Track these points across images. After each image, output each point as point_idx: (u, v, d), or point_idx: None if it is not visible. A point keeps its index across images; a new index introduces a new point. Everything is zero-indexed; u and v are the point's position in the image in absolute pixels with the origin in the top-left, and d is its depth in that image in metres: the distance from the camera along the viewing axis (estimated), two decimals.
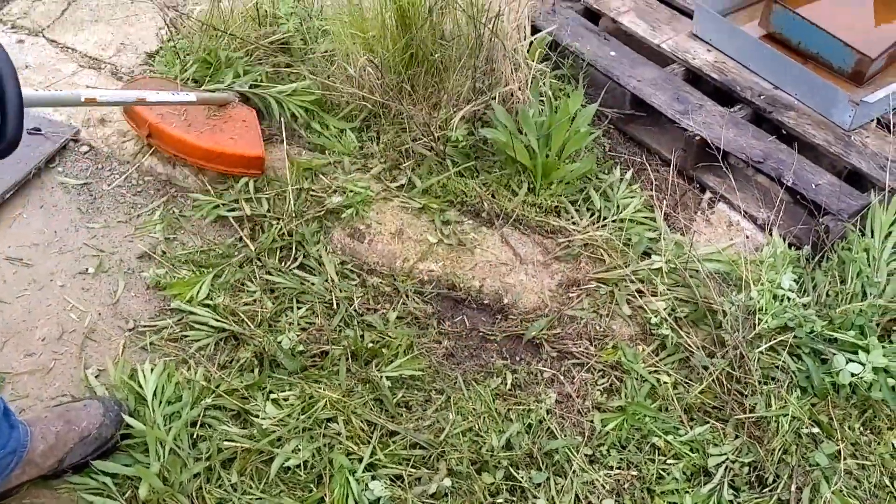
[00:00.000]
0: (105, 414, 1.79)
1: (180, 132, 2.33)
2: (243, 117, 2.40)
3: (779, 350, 1.94)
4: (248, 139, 2.33)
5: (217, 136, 2.32)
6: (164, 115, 2.36)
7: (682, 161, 2.45)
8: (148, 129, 2.39)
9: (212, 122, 2.38)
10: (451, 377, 1.96)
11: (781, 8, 2.54)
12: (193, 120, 2.37)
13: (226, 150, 2.30)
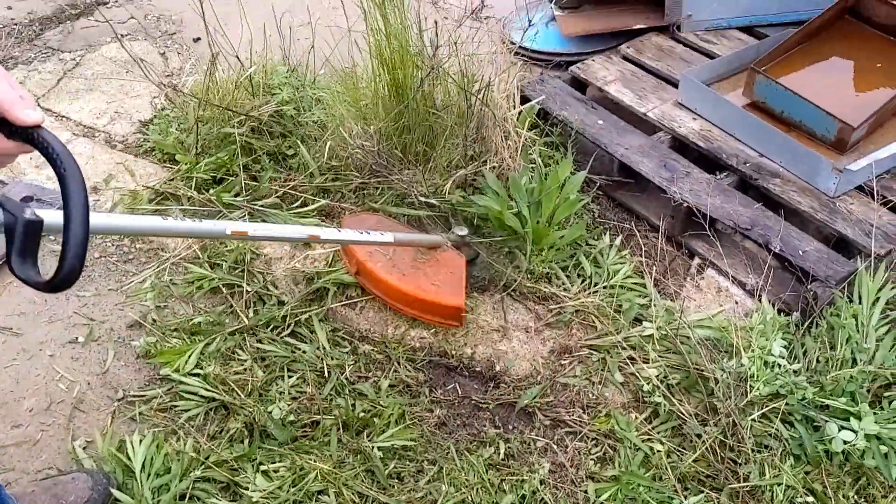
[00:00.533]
0: (93, 488, 1.78)
1: (383, 272, 2.20)
2: (451, 264, 2.24)
3: (771, 417, 1.93)
4: (451, 287, 2.17)
5: (420, 280, 2.19)
6: (373, 252, 2.24)
7: (670, 227, 2.47)
8: (356, 267, 2.28)
9: (417, 264, 2.24)
10: (444, 447, 1.94)
11: (764, 78, 2.60)
12: (398, 261, 2.23)
13: (426, 298, 2.16)
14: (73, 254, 1.01)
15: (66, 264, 1.01)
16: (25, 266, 1.04)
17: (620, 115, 2.77)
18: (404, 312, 2.22)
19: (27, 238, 1.03)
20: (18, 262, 1.04)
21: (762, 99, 2.65)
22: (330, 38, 2.77)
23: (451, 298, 2.15)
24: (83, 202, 1.03)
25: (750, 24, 3.11)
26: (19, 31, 3.46)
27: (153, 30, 3.53)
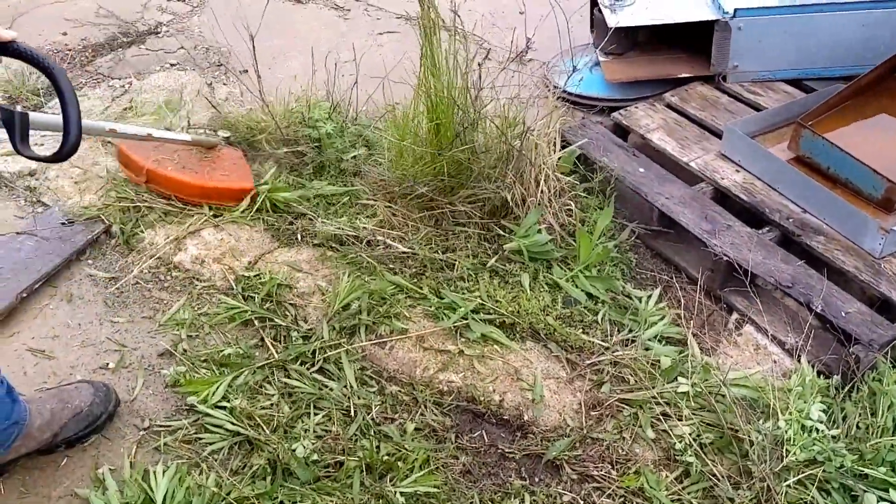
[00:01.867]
0: (95, 394, 2.00)
1: (177, 173, 2.57)
2: (232, 157, 2.70)
3: (807, 484, 1.87)
4: (239, 175, 2.61)
5: (211, 174, 2.59)
6: (160, 160, 2.60)
7: (709, 281, 2.43)
8: (146, 175, 2.60)
9: (204, 163, 2.64)
10: (468, 496, 1.91)
11: (810, 133, 2.56)
12: (186, 162, 2.62)
13: (220, 186, 2.57)
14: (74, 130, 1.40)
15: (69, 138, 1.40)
16: (26, 147, 1.45)
17: (662, 164, 2.75)
18: (202, 202, 2.59)
19: (24, 126, 1.45)
20: (21, 145, 1.45)
21: (807, 154, 2.61)
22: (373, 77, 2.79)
23: (242, 183, 2.60)
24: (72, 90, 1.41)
25: (797, 78, 3.07)
26: (73, 56, 3.54)
27: (202, 60, 3.59)
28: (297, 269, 2.44)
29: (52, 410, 1.92)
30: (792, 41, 2.98)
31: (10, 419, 1.78)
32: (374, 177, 2.72)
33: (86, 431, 1.97)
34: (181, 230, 2.53)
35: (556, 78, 3.38)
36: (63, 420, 1.93)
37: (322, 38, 3.70)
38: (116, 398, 2.06)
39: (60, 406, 1.94)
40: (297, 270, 2.43)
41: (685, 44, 3.23)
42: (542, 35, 3.60)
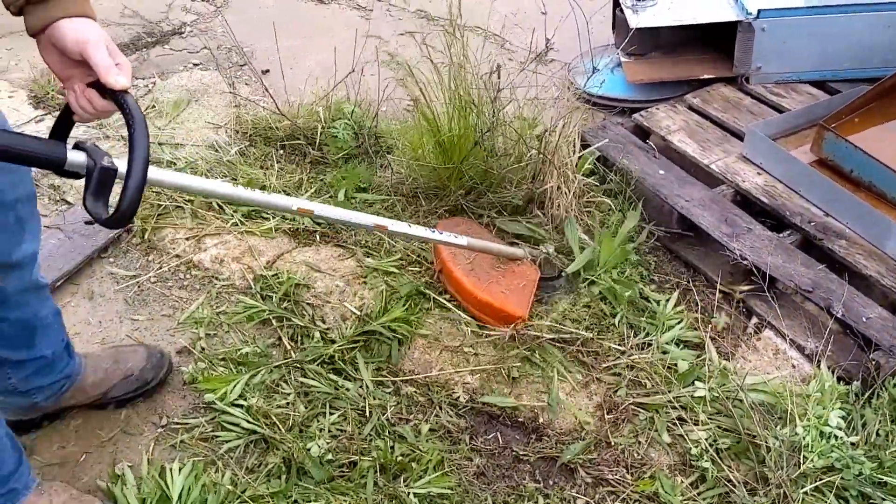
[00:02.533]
0: (148, 359, 2.08)
1: (460, 274, 2.33)
2: (523, 276, 2.35)
3: (825, 491, 1.85)
4: (518, 298, 2.29)
5: (491, 286, 2.30)
6: (456, 255, 2.37)
7: (728, 284, 2.41)
8: (440, 266, 2.41)
9: (494, 272, 2.36)
10: (482, 498, 1.90)
11: (833, 136, 2.53)
12: (478, 266, 2.37)
13: (492, 303, 2.27)
14: (129, 198, 1.24)
15: (122, 206, 1.24)
16: (97, 204, 1.28)
17: (683, 166, 2.73)
18: (472, 313, 2.34)
19: (102, 181, 1.28)
20: (91, 200, 1.28)
21: (831, 157, 2.58)
22: (394, 77, 2.80)
23: (515, 307, 2.26)
24: (144, 154, 1.25)
25: (821, 79, 3.04)
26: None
27: (224, 60, 3.62)
28: (316, 269, 2.45)
29: (106, 370, 2.02)
30: (816, 42, 2.94)
31: (64, 373, 1.90)
32: (392, 180, 2.73)
33: (135, 393, 2.07)
34: (201, 230, 2.55)
35: (578, 79, 3.37)
36: (114, 380, 2.03)
37: (344, 37, 3.70)
38: (170, 365, 2.15)
39: (114, 367, 2.04)
40: (315, 270, 2.44)
41: (707, 45, 3.21)
42: (564, 36, 3.60)
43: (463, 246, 2.17)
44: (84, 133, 3.00)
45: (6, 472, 1.63)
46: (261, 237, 2.56)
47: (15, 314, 1.69)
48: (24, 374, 1.81)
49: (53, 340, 1.84)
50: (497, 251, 2.34)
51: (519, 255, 2.37)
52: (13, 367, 1.79)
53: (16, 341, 1.75)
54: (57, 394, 1.93)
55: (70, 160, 1.28)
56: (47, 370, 1.86)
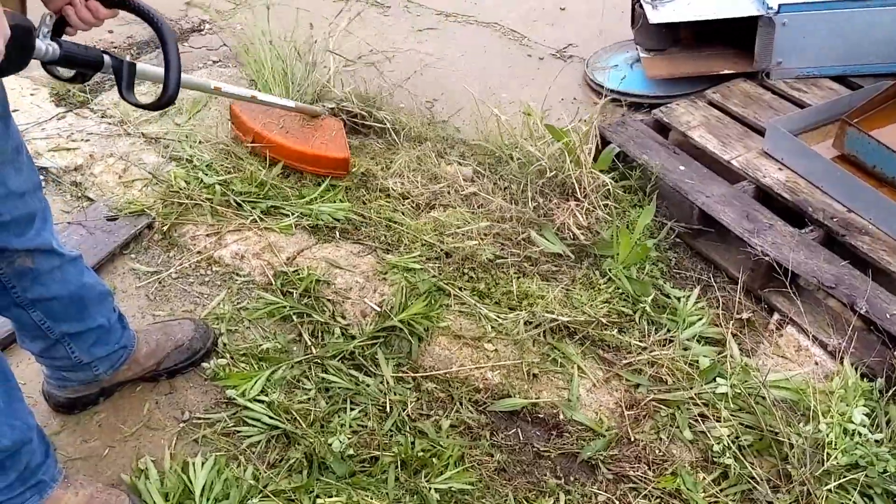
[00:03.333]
0: (196, 330, 2.17)
1: (279, 138, 2.74)
2: (332, 127, 2.82)
3: (849, 489, 1.83)
4: (337, 145, 2.72)
5: (310, 141, 2.73)
6: (266, 123, 2.78)
7: (750, 281, 2.39)
8: (252, 136, 2.78)
9: (305, 129, 2.79)
10: (502, 493, 1.90)
11: (856, 131, 2.51)
12: (290, 128, 2.78)
13: (317, 153, 2.69)
14: (173, 81, 1.57)
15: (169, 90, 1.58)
16: (130, 94, 1.63)
17: (703, 162, 2.71)
18: (301, 168, 2.75)
19: (130, 76, 1.62)
20: (126, 92, 1.63)
21: (853, 152, 2.56)
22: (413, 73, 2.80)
23: (338, 152, 2.72)
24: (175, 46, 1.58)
25: (843, 74, 3.01)
26: (118, 53, 3.59)
27: (244, 57, 3.62)
28: (336, 265, 2.46)
29: (157, 341, 2.10)
30: (837, 37, 2.92)
31: (120, 343, 1.98)
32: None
33: (185, 363, 2.15)
34: (221, 226, 2.57)
35: (597, 75, 3.36)
36: (166, 350, 2.11)
37: (362, 34, 3.71)
38: (214, 336, 2.22)
39: (165, 338, 2.12)
40: (335, 267, 2.45)
41: (728, 40, 3.19)
42: (583, 31, 3.59)
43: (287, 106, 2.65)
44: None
45: (35, 464, 1.65)
46: (280, 233, 2.57)
47: (60, 290, 1.75)
48: (85, 346, 1.88)
49: (106, 309, 1.91)
50: (302, 109, 2.79)
51: (320, 112, 2.86)
52: (74, 340, 1.85)
53: (69, 315, 1.81)
54: (116, 364, 2.00)
55: (105, 62, 1.58)
56: (106, 339, 1.93)
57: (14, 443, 1.57)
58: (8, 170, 1.51)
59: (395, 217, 2.61)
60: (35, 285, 1.69)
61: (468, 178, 2.80)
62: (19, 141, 1.55)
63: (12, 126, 1.51)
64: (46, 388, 2.03)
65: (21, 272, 1.65)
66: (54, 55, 1.46)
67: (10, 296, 1.68)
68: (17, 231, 1.59)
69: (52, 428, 2.03)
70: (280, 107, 2.67)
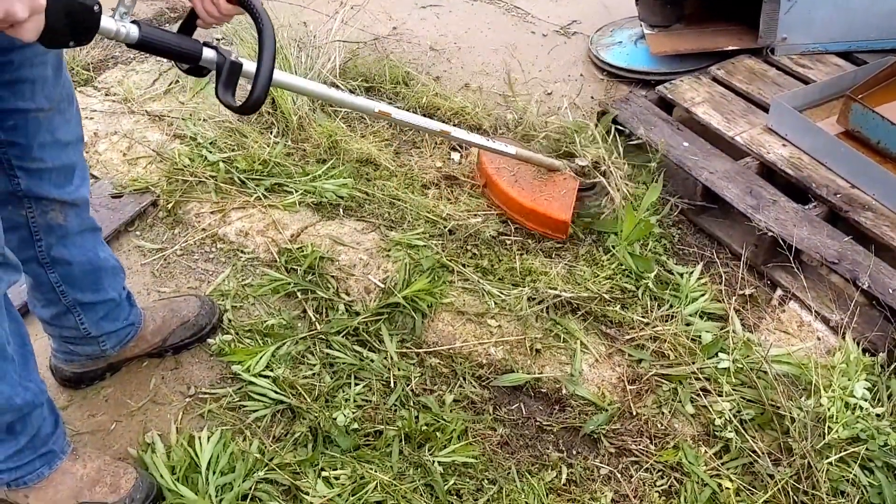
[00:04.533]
0: (201, 307, 2.18)
1: (505, 185, 2.55)
2: (565, 186, 2.55)
3: (850, 462, 1.85)
4: (560, 204, 2.48)
5: (534, 194, 2.51)
6: (500, 169, 2.61)
7: (753, 256, 2.40)
8: (485, 179, 2.66)
9: (536, 182, 2.57)
10: (505, 467, 1.92)
11: (860, 106, 2.50)
12: (521, 178, 2.58)
13: (536, 209, 2.48)
14: (260, 88, 1.43)
15: (254, 95, 1.43)
16: (227, 94, 1.47)
17: (707, 139, 2.71)
18: (518, 221, 2.55)
19: (231, 74, 1.48)
20: (223, 90, 1.47)
21: (857, 128, 2.55)
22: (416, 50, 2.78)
23: (559, 212, 2.45)
24: (272, 52, 1.42)
25: (848, 50, 3.00)
26: None
27: (246, 35, 3.61)
28: (340, 242, 2.46)
29: (163, 318, 2.12)
30: (842, 13, 2.90)
31: (129, 320, 2.00)
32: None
33: (191, 339, 2.17)
34: (226, 203, 2.58)
35: (601, 51, 3.35)
36: (172, 327, 2.13)
37: (364, 8, 3.69)
38: (220, 313, 2.24)
39: (170, 315, 2.14)
40: (339, 243, 2.46)
41: (732, 16, 3.17)
42: (587, 8, 3.58)
43: (510, 154, 2.36)
44: None
45: (45, 433, 1.67)
46: (284, 211, 2.58)
47: (79, 256, 1.78)
48: (95, 318, 1.90)
49: (118, 284, 1.93)
50: (539, 161, 2.53)
51: (558, 166, 2.57)
52: (85, 310, 1.87)
53: (85, 284, 1.83)
54: (123, 341, 2.02)
55: (204, 56, 1.46)
56: (116, 314, 1.95)
57: (27, 403, 1.59)
58: (57, 119, 1.55)
59: (399, 194, 2.62)
60: (58, 244, 1.72)
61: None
62: (71, 91, 1.59)
63: (64, 76, 1.54)
64: (53, 362, 2.05)
65: (51, 226, 1.67)
66: (129, 38, 1.37)
67: (35, 249, 1.70)
68: (58, 181, 1.62)
69: (60, 403, 2.05)
70: (498, 152, 2.38)
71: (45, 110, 1.51)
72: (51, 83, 1.50)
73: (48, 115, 1.52)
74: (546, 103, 3.09)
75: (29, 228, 1.66)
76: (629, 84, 3.20)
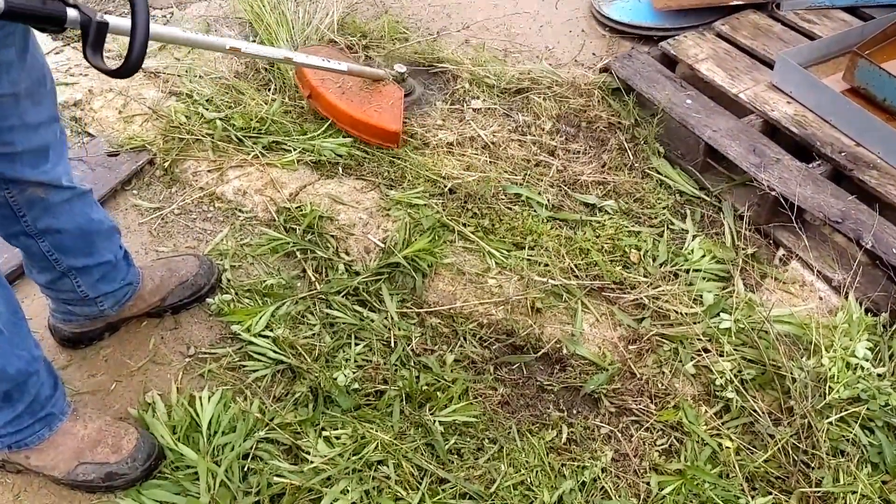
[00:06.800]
0: (200, 266, 2.16)
1: (333, 98, 2.59)
2: (391, 95, 2.62)
3: (850, 422, 1.85)
4: (390, 115, 2.55)
5: (364, 106, 2.56)
6: (325, 80, 2.63)
7: (755, 215, 2.38)
8: (309, 91, 2.67)
9: (363, 93, 2.61)
10: (506, 426, 1.92)
11: (867, 63, 2.46)
12: (348, 89, 2.62)
13: (368, 121, 2.53)
14: (138, 47, 1.35)
15: (132, 57, 1.35)
16: (97, 57, 1.39)
17: (710, 96, 2.67)
18: (350, 133, 2.61)
19: (98, 34, 1.38)
20: (91, 53, 1.38)
21: (863, 85, 2.51)
22: None
23: (390, 123, 2.53)
24: (145, 9, 1.36)
25: (855, 5, 2.94)
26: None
27: None
28: (339, 201, 2.44)
29: (162, 277, 2.10)
30: None
31: (126, 280, 1.98)
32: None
33: (190, 299, 2.16)
34: (223, 162, 2.55)
35: (602, 6, 3.28)
36: (171, 286, 2.11)
37: None
38: (219, 272, 2.22)
39: (169, 274, 2.12)
40: (338, 203, 2.43)
41: None
42: None
43: (342, 71, 2.41)
44: None
45: (43, 397, 1.67)
46: (283, 169, 2.54)
47: (68, 223, 1.74)
48: (91, 280, 1.89)
49: (113, 245, 1.91)
50: (366, 73, 2.58)
51: (382, 76, 2.63)
52: (81, 274, 1.85)
53: (77, 249, 1.80)
54: (121, 301, 2.00)
55: (69, 17, 1.34)
56: (113, 275, 1.93)
57: (19, 372, 1.58)
58: (26, 103, 1.50)
59: (399, 153, 2.58)
60: (45, 216, 1.68)
61: (478, 109, 2.76)
62: (42, 73, 1.54)
63: (30, 60, 1.49)
64: (52, 321, 2.04)
65: (32, 201, 1.64)
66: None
67: (21, 224, 1.68)
68: (32, 162, 1.58)
69: (59, 363, 2.04)
70: (331, 70, 2.44)
71: (9, 95, 1.46)
72: (16, 67, 1.44)
73: (14, 99, 1.47)
74: (547, 60, 3.03)
75: (10, 207, 1.63)
76: (632, 40, 3.15)
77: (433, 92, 2.87)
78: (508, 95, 2.83)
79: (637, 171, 2.55)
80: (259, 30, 2.99)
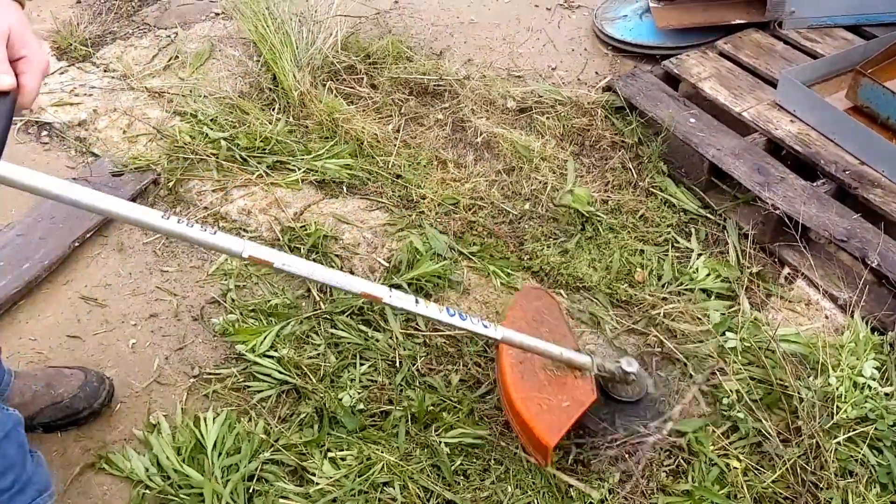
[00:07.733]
0: (81, 388, 1.95)
1: (507, 362, 1.88)
2: (574, 393, 1.82)
3: (858, 442, 1.84)
4: (555, 422, 1.76)
5: (532, 395, 1.81)
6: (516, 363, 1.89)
7: (760, 234, 2.38)
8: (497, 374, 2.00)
9: (542, 376, 1.85)
10: (512, 447, 1.91)
11: (870, 82, 2.46)
12: (528, 360, 1.88)
13: (523, 415, 1.79)
14: None
15: None
16: None
17: (714, 114, 2.68)
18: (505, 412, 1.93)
19: None
20: None
21: (867, 103, 2.51)
22: None
23: (546, 432, 1.75)
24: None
25: (857, 24, 2.95)
26: (119, 6, 3.54)
27: (245, 8, 3.56)
28: (343, 220, 2.44)
29: (35, 393, 1.91)
30: None
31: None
32: None
33: (63, 422, 1.95)
34: (227, 181, 2.55)
35: (605, 25, 3.30)
36: (41, 405, 1.92)
37: None
38: (108, 395, 2.00)
39: (44, 391, 1.93)
40: (343, 222, 2.44)
41: None
42: None
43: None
44: None
45: None
46: (287, 188, 2.55)
47: None
48: None
49: None
50: (556, 356, 1.79)
51: (581, 365, 1.84)
52: None
53: None
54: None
55: None
56: None
57: None
58: None
59: (402, 172, 2.59)
60: None
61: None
62: None
63: None
64: None
65: None
66: None
67: None
68: None
69: None
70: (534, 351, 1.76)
71: None
72: None
73: None
74: (550, 79, 3.04)
75: None
76: (634, 59, 3.16)
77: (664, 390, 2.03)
78: (512, 114, 2.84)
79: (641, 190, 2.55)
80: (263, 50, 3.00)
